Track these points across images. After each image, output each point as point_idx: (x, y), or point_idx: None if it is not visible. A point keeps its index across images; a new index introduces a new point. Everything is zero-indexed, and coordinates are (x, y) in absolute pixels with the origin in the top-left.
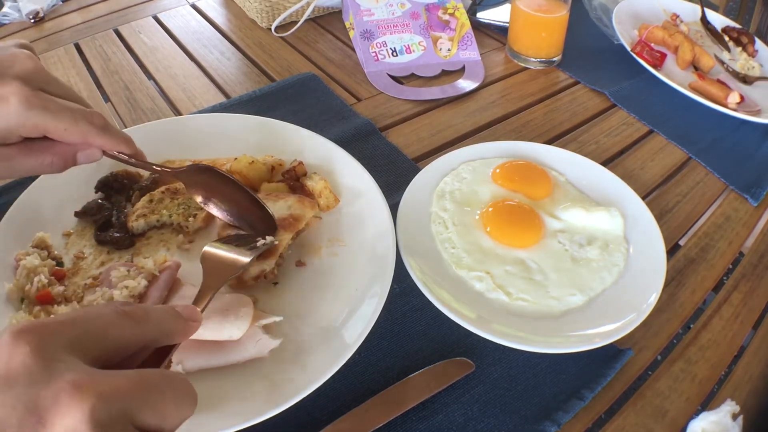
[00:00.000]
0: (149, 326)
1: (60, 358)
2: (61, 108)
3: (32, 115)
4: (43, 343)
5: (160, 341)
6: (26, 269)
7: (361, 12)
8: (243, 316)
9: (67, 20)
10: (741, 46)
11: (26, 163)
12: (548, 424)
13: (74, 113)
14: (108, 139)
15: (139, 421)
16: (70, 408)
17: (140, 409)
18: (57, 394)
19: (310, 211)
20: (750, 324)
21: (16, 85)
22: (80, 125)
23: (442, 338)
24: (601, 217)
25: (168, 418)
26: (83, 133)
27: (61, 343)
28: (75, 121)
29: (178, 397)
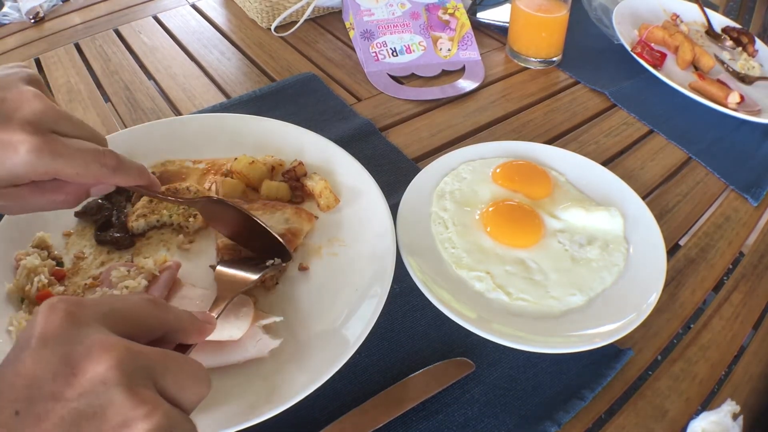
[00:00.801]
0: (171, 315)
1: (91, 324)
2: (73, 153)
3: (43, 163)
4: (76, 309)
5: (179, 335)
6: (26, 269)
7: (361, 12)
8: (243, 316)
9: (67, 20)
10: (741, 46)
11: (39, 202)
12: (548, 424)
13: (85, 156)
14: (121, 177)
15: (160, 385)
16: (101, 357)
17: (163, 374)
18: (89, 348)
19: (308, 224)
20: (750, 324)
21: (26, 131)
22: (92, 168)
23: (442, 338)
24: (601, 217)
25: (187, 391)
26: (96, 175)
27: (92, 314)
28: (87, 164)
29: (196, 374)
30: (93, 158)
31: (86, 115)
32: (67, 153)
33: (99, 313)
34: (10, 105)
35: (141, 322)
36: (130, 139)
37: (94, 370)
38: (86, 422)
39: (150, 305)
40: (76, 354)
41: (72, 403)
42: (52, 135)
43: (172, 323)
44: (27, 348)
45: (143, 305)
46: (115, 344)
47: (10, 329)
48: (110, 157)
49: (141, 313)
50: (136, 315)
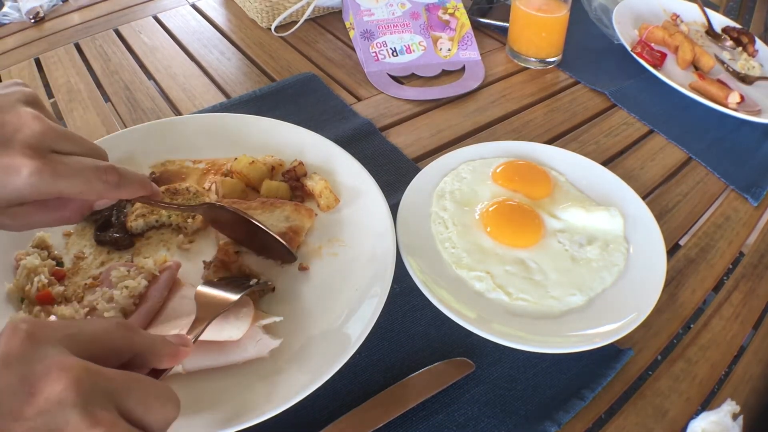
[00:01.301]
0: (140, 338)
1: (52, 344)
2: (74, 172)
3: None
4: (37, 331)
5: (151, 358)
6: (26, 269)
7: (361, 12)
8: (243, 316)
9: (67, 20)
10: (741, 46)
11: (43, 219)
12: (548, 424)
13: (87, 174)
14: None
15: (124, 407)
16: (59, 377)
17: (126, 396)
18: (48, 367)
19: (308, 220)
20: (750, 324)
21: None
22: (95, 185)
23: (442, 338)
24: (601, 217)
25: (153, 413)
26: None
27: (55, 335)
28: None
29: (162, 396)
30: (95, 176)
31: (86, 115)
32: (69, 173)
33: (62, 335)
34: (10, 128)
35: (107, 345)
36: (130, 139)
37: (52, 390)
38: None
39: (119, 329)
40: (34, 373)
41: (29, 422)
42: (52, 155)
43: (142, 347)
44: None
45: (111, 329)
46: (73, 365)
47: None
48: (112, 173)
49: (108, 336)
50: (103, 338)
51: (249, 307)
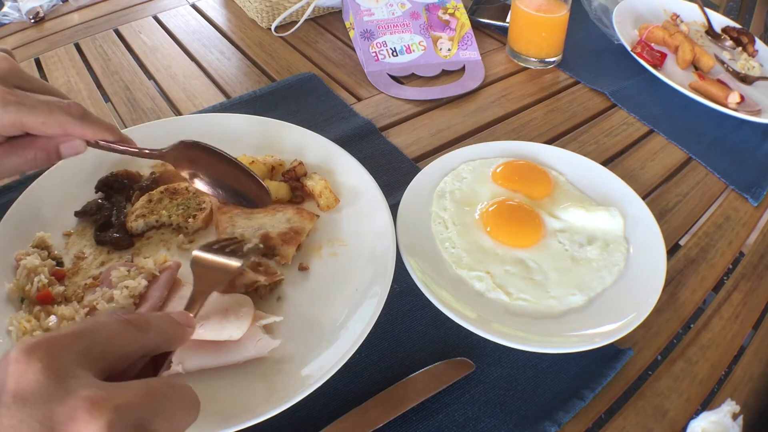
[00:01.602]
0: (151, 334)
1: (72, 373)
2: (37, 102)
3: (7, 112)
4: (54, 360)
5: (161, 348)
6: (26, 269)
7: (361, 12)
8: (243, 316)
9: (67, 20)
10: (741, 46)
11: (10, 162)
12: (548, 424)
13: (50, 105)
14: (88, 128)
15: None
16: (88, 424)
17: (153, 419)
18: (74, 410)
19: (309, 223)
20: (750, 324)
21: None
22: (57, 116)
23: (442, 338)
24: (601, 217)
25: (177, 424)
26: (61, 123)
27: (71, 358)
28: (51, 112)
29: (185, 403)
30: (57, 107)
31: None
32: (32, 102)
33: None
34: None
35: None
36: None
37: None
38: None
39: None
40: (58, 415)
41: None
42: (17, 90)
43: (153, 341)
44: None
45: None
46: (101, 403)
47: (10, 329)
48: (75, 107)
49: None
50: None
51: (249, 307)
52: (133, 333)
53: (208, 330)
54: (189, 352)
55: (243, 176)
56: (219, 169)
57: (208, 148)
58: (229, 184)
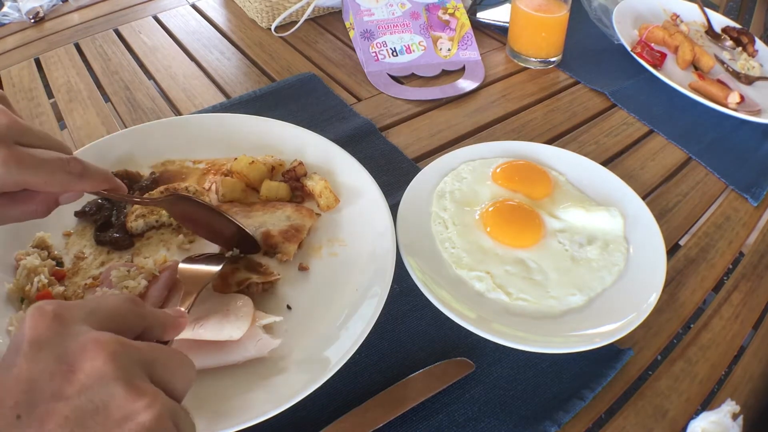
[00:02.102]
0: (148, 312)
1: (78, 323)
2: (38, 162)
3: (10, 174)
4: (65, 311)
5: (157, 331)
6: (26, 269)
7: (361, 12)
8: (243, 316)
9: (67, 20)
10: (741, 46)
11: (10, 213)
12: (548, 424)
13: (51, 165)
14: (87, 183)
15: (154, 376)
16: (96, 352)
17: (153, 365)
18: (83, 344)
19: (309, 220)
20: (750, 324)
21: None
22: (58, 176)
23: (442, 338)
24: (601, 217)
25: (177, 379)
26: (62, 182)
27: (79, 315)
28: (53, 173)
29: (183, 362)
30: (59, 166)
31: (86, 115)
32: (34, 163)
33: (85, 313)
34: None
35: (123, 319)
36: (130, 139)
37: (92, 366)
38: (90, 419)
39: (130, 303)
40: (70, 352)
41: (74, 401)
42: (17, 147)
43: (151, 320)
44: (20, 353)
45: (124, 303)
46: (107, 339)
47: (10, 329)
48: (75, 165)
49: (122, 310)
50: (119, 313)
51: (249, 307)
52: (133, 306)
53: (208, 330)
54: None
55: (232, 227)
56: (209, 220)
57: (198, 202)
58: (220, 234)
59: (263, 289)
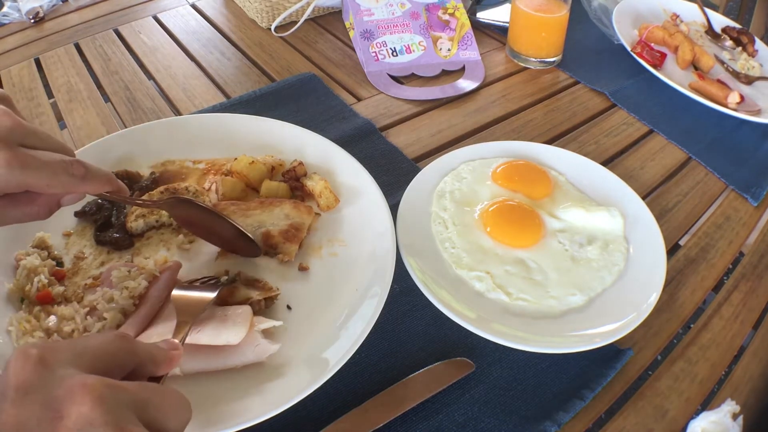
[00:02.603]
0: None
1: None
2: (41, 164)
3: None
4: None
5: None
6: (26, 269)
7: (361, 12)
8: (241, 322)
9: (67, 20)
10: (741, 46)
11: (12, 214)
12: (548, 424)
13: (54, 167)
14: (89, 185)
15: (145, 418)
16: (83, 397)
17: (145, 407)
18: (70, 389)
19: (308, 217)
20: (750, 324)
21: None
22: (61, 178)
23: (442, 338)
24: (601, 217)
25: (171, 420)
26: (64, 184)
27: (65, 357)
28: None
29: (177, 402)
30: (61, 168)
31: (86, 115)
32: (36, 165)
33: (72, 355)
34: None
35: (112, 358)
36: (130, 139)
37: (79, 411)
38: None
39: (119, 341)
40: (57, 397)
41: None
42: (20, 149)
43: (142, 356)
44: (6, 399)
45: (113, 342)
46: (94, 383)
47: (10, 329)
48: (77, 167)
49: (111, 349)
50: (107, 352)
51: (247, 312)
52: (123, 343)
53: (206, 335)
54: (187, 354)
55: (233, 230)
56: (210, 223)
57: (198, 205)
58: (221, 236)
59: (265, 305)
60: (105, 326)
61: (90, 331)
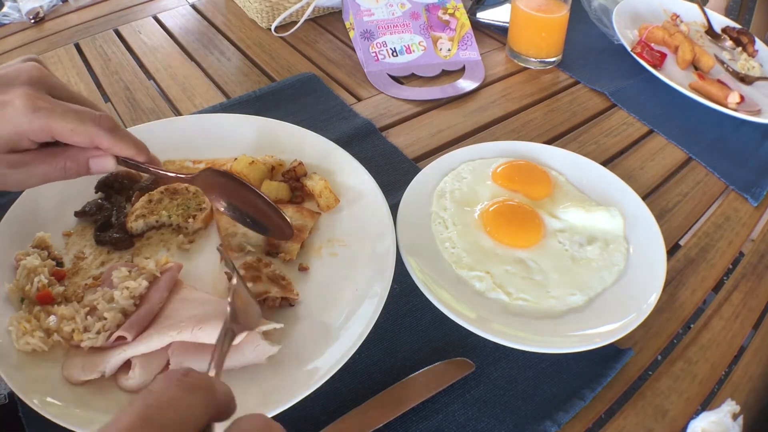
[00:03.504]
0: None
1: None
2: (67, 109)
3: (38, 117)
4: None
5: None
6: (26, 269)
7: (361, 12)
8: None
9: (67, 20)
10: (741, 46)
11: (41, 169)
12: (548, 424)
13: (80, 114)
14: (116, 142)
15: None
16: None
17: None
18: None
19: (311, 220)
20: (750, 324)
21: (23, 90)
22: (87, 126)
23: (442, 338)
24: (601, 217)
25: None
26: (90, 134)
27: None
28: (81, 121)
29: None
30: (88, 117)
31: None
32: (62, 109)
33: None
34: (11, 75)
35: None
36: None
37: None
38: None
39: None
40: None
41: None
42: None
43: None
44: None
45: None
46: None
47: (10, 329)
48: (106, 120)
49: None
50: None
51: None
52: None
53: (207, 333)
54: (187, 354)
55: (267, 208)
56: (245, 198)
57: (236, 178)
58: (254, 215)
59: (280, 305)
60: (105, 326)
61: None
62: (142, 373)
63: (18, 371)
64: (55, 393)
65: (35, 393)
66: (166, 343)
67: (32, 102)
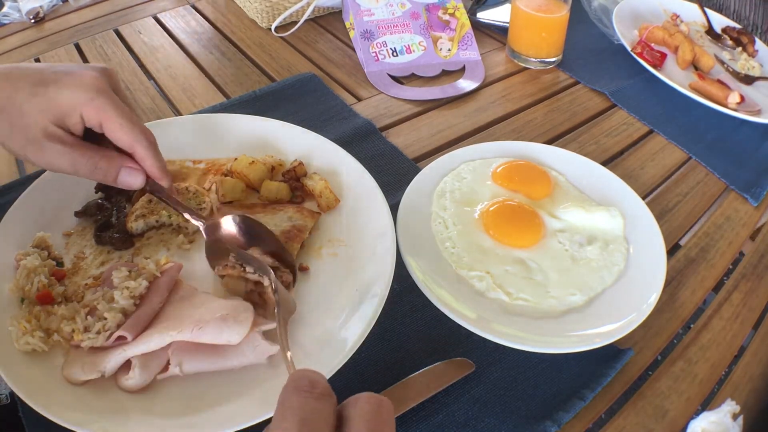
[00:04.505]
0: (333, 394)
1: None
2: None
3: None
4: None
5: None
6: (26, 269)
7: (361, 12)
8: (243, 321)
9: (67, 20)
10: (741, 46)
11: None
12: (548, 424)
13: (133, 117)
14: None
15: None
16: None
17: None
18: None
19: (311, 220)
20: (750, 324)
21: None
22: (134, 128)
23: (442, 338)
24: (601, 217)
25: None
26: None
27: None
28: (132, 122)
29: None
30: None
31: None
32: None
33: None
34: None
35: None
36: None
37: None
38: None
39: (323, 403)
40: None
41: None
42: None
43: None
44: None
45: (323, 408)
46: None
47: (11, 329)
48: (151, 134)
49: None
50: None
51: (249, 312)
52: (329, 403)
53: (207, 333)
54: (187, 354)
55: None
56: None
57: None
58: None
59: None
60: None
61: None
62: (142, 373)
63: (18, 371)
64: (55, 393)
65: (35, 393)
66: (166, 343)
67: (100, 84)
